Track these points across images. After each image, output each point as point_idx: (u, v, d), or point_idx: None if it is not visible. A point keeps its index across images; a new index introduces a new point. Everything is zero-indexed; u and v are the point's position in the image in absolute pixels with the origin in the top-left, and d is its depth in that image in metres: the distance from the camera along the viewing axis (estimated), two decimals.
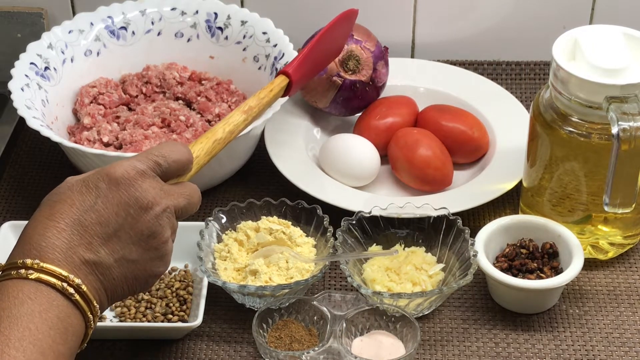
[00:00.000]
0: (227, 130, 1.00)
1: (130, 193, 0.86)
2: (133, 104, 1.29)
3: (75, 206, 0.85)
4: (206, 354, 1.05)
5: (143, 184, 0.87)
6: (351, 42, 1.27)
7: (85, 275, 0.84)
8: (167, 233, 0.89)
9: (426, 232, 1.13)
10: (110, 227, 0.85)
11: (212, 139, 0.98)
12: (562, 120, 1.07)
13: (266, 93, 1.06)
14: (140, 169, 0.88)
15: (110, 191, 0.86)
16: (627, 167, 1.02)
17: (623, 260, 1.15)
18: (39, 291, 0.81)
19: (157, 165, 0.89)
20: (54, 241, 0.83)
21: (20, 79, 1.20)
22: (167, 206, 0.89)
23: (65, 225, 0.84)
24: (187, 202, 0.92)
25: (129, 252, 0.87)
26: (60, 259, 0.83)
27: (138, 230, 0.87)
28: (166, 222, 0.89)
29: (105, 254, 0.85)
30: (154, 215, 0.87)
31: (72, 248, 0.84)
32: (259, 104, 1.05)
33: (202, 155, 0.97)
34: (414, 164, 1.21)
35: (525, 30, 1.41)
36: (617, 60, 1.05)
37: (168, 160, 0.90)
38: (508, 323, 1.08)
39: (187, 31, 1.32)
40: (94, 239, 0.85)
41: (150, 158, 0.89)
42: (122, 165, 0.87)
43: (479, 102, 1.31)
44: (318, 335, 1.04)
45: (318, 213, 1.12)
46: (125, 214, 0.86)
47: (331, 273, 1.14)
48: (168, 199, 0.89)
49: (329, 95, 1.27)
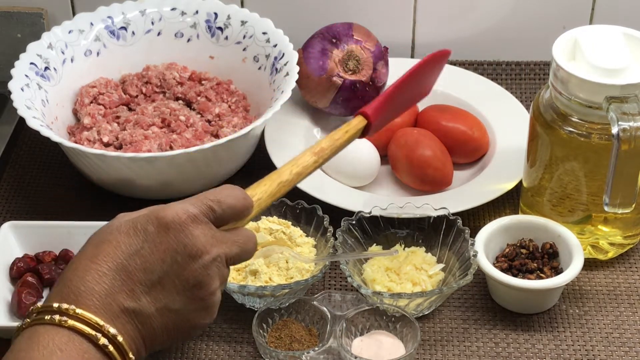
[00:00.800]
0: (295, 172, 0.94)
1: (179, 239, 0.82)
2: (133, 104, 1.29)
3: (120, 249, 0.81)
4: (206, 354, 1.05)
5: (194, 231, 0.83)
6: (351, 42, 1.27)
7: (122, 325, 0.80)
8: (215, 284, 0.84)
9: (426, 232, 1.13)
10: (155, 274, 0.81)
11: (278, 181, 0.93)
12: (562, 120, 1.07)
13: (341, 134, 0.98)
14: (193, 213, 0.83)
15: (159, 236, 0.82)
16: (627, 167, 1.02)
17: (623, 260, 1.15)
18: (71, 341, 0.77)
19: (210, 211, 0.84)
20: (93, 286, 0.79)
21: (20, 79, 1.20)
22: (218, 255, 0.84)
23: (107, 269, 0.80)
24: (240, 250, 0.87)
25: (172, 302, 0.82)
26: (98, 305, 0.79)
27: (184, 279, 0.82)
28: (215, 272, 0.84)
29: (147, 302, 0.81)
30: (202, 265, 0.83)
31: (111, 295, 0.80)
32: (331, 145, 0.96)
33: (264, 197, 0.91)
34: (414, 164, 1.21)
35: (525, 30, 1.41)
36: (617, 60, 1.05)
37: (223, 205, 0.85)
38: (508, 323, 1.08)
39: (187, 31, 1.32)
40: (136, 285, 0.81)
41: (205, 202, 0.84)
42: (174, 208, 0.83)
43: (479, 102, 1.31)
44: (318, 335, 1.04)
45: (318, 213, 1.12)
46: (171, 261, 0.82)
47: (331, 273, 1.14)
48: (219, 247, 0.84)
49: (329, 95, 1.27)
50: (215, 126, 1.25)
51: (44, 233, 1.13)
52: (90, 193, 1.23)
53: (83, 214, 1.20)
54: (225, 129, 1.23)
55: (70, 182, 1.26)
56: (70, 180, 1.26)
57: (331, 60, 1.26)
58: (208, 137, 1.23)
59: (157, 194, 1.20)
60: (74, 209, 1.22)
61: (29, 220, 1.17)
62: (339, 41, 1.27)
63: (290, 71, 1.22)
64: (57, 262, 1.12)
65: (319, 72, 1.26)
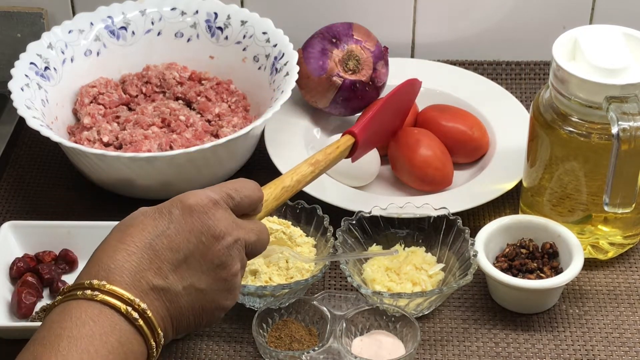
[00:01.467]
0: (295, 179, 1.01)
1: (204, 221, 0.86)
2: (133, 104, 1.29)
3: (147, 230, 0.84)
4: (206, 354, 1.05)
5: (216, 213, 0.87)
6: (351, 42, 1.27)
7: (151, 301, 0.82)
8: (236, 265, 0.88)
9: (426, 232, 1.13)
10: (181, 253, 0.84)
11: (281, 185, 1.00)
12: (562, 120, 1.07)
13: (333, 149, 1.08)
14: (214, 198, 0.87)
15: (184, 217, 0.85)
16: (627, 167, 1.02)
17: (623, 260, 1.15)
18: (103, 313, 0.80)
19: (229, 198, 0.89)
20: (122, 264, 0.82)
21: (20, 79, 1.20)
22: (239, 238, 0.88)
23: (135, 248, 0.83)
24: (257, 238, 0.91)
25: (198, 281, 0.85)
26: (128, 282, 0.81)
27: (208, 259, 0.86)
28: (236, 254, 0.88)
29: (174, 280, 0.84)
30: (225, 245, 0.86)
31: (140, 272, 0.82)
32: (325, 158, 1.06)
33: (270, 199, 0.98)
34: (414, 164, 1.21)
35: (525, 30, 1.41)
36: (617, 60, 1.05)
37: (240, 194, 0.90)
38: (508, 323, 1.08)
39: (187, 31, 1.32)
40: (163, 264, 0.83)
41: (224, 190, 0.89)
42: (196, 194, 0.87)
43: (479, 102, 1.31)
44: (318, 335, 1.04)
45: (318, 213, 1.12)
46: (197, 241, 0.85)
47: (331, 273, 1.14)
48: (239, 231, 0.88)
49: (329, 95, 1.27)
50: (215, 126, 1.25)
51: (44, 233, 1.13)
52: (90, 193, 1.23)
53: (83, 214, 1.20)
54: (225, 129, 1.23)
55: (70, 182, 1.26)
56: (70, 180, 1.26)
57: (331, 60, 1.26)
58: (208, 137, 1.23)
59: (157, 194, 1.19)
60: (74, 209, 1.22)
61: (29, 220, 1.17)
62: (339, 41, 1.27)
63: (290, 71, 1.22)
64: (57, 262, 1.12)
65: (319, 72, 1.26)
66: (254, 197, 0.92)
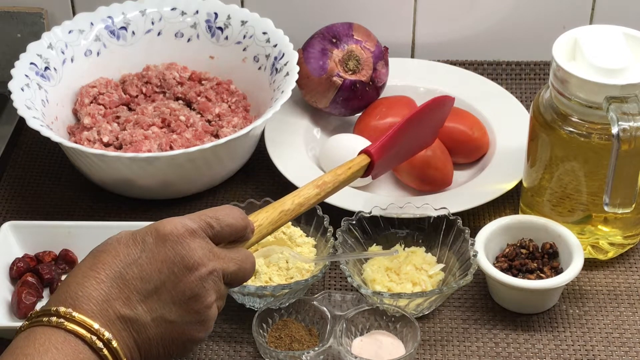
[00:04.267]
0: (297, 203, 0.97)
1: (177, 251, 0.83)
2: (133, 104, 1.29)
3: (118, 258, 0.83)
4: (206, 354, 1.05)
5: (191, 243, 0.84)
6: (351, 42, 1.27)
7: (118, 331, 0.81)
8: (210, 297, 0.85)
9: (426, 232, 1.13)
10: (152, 283, 0.83)
11: (280, 209, 0.96)
12: (562, 120, 1.07)
13: (344, 170, 1.03)
14: (191, 227, 0.85)
15: (157, 246, 0.83)
16: (627, 167, 1.02)
17: (623, 260, 1.15)
18: (67, 341, 0.79)
19: (209, 227, 0.86)
20: (91, 292, 0.81)
21: (20, 79, 1.20)
22: (214, 269, 0.85)
23: (105, 277, 0.82)
24: (238, 268, 0.88)
25: (168, 312, 0.83)
26: (95, 310, 0.81)
27: (180, 291, 0.83)
28: (211, 286, 0.85)
29: (143, 311, 0.82)
30: (198, 277, 0.84)
31: (108, 301, 0.81)
32: (334, 180, 1.01)
33: (265, 224, 0.94)
34: (414, 164, 1.21)
35: (525, 30, 1.41)
36: (617, 60, 1.05)
37: (221, 223, 0.87)
38: (508, 323, 1.08)
39: (187, 31, 1.32)
40: (132, 294, 0.82)
41: (203, 218, 0.86)
42: (172, 222, 0.85)
43: (479, 102, 1.31)
44: (318, 335, 1.04)
45: (318, 213, 1.12)
46: (168, 271, 0.83)
47: (331, 273, 1.14)
48: (216, 262, 0.86)
49: (329, 95, 1.27)
50: (215, 126, 1.25)
51: (44, 233, 1.13)
52: (90, 193, 1.23)
53: (83, 214, 1.21)
54: (225, 129, 1.23)
55: (70, 182, 1.26)
56: (70, 180, 1.26)
57: (331, 60, 1.26)
58: (208, 137, 1.23)
59: (157, 194, 1.20)
60: (74, 209, 1.22)
61: (29, 220, 1.17)
62: (339, 41, 1.27)
63: (290, 71, 1.22)
64: (57, 262, 1.12)
65: (319, 72, 1.26)
66: (236, 225, 0.88)
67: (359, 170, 1.04)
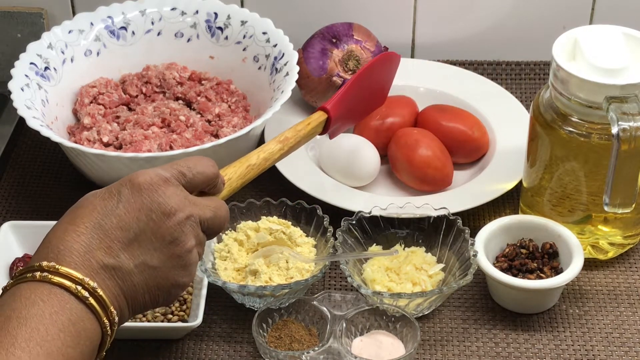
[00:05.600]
0: (262, 157, 1.00)
1: (153, 198, 0.85)
2: (133, 104, 1.29)
3: (96, 210, 0.84)
4: (206, 354, 1.05)
5: (167, 191, 0.86)
6: (351, 42, 1.27)
7: (103, 280, 0.82)
8: (190, 241, 0.87)
9: (426, 232, 1.13)
10: (131, 231, 0.84)
11: (246, 164, 0.99)
12: (562, 120, 1.07)
13: (303, 126, 1.07)
14: (165, 176, 0.86)
15: (133, 196, 0.85)
16: (627, 167, 1.02)
17: (623, 260, 1.15)
18: (52, 293, 0.80)
19: (181, 175, 0.88)
20: (72, 244, 0.82)
21: (20, 79, 1.20)
22: (191, 214, 0.87)
23: (84, 228, 0.83)
24: (213, 214, 0.89)
25: (150, 258, 0.85)
26: (78, 262, 0.81)
27: (160, 236, 0.85)
28: (189, 230, 0.87)
29: (125, 258, 0.83)
30: (176, 222, 0.85)
31: (90, 252, 0.82)
32: (295, 135, 1.05)
33: (235, 177, 0.97)
34: (414, 164, 1.21)
35: (525, 30, 1.41)
36: (617, 60, 1.05)
37: (193, 171, 0.89)
38: (508, 323, 1.08)
39: (187, 31, 1.32)
40: (114, 242, 0.83)
41: (175, 167, 0.88)
42: (145, 173, 0.86)
43: (479, 102, 1.31)
44: (318, 335, 1.04)
45: (318, 213, 1.12)
46: (147, 218, 0.84)
47: (331, 273, 1.14)
48: (192, 207, 0.87)
49: (329, 95, 1.27)
50: (215, 126, 1.25)
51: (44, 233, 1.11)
52: None
53: None
54: (225, 129, 1.23)
55: (70, 182, 1.26)
56: (70, 180, 1.26)
57: (331, 60, 1.26)
58: (208, 137, 1.23)
59: None
60: None
61: (29, 220, 1.17)
62: (339, 41, 1.27)
63: (290, 71, 1.22)
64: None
65: (319, 72, 1.26)
66: (207, 173, 0.90)
67: (317, 125, 1.08)
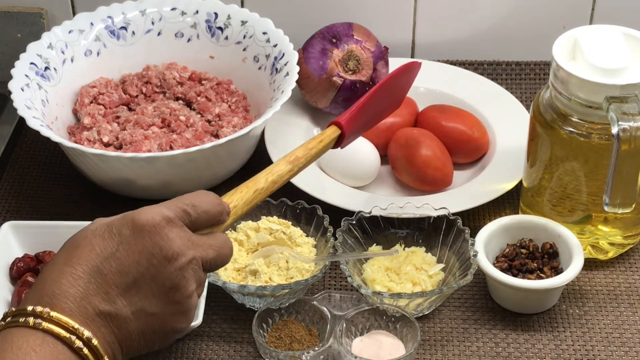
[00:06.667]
0: (270, 180, 0.95)
1: (155, 241, 0.81)
2: (133, 104, 1.29)
3: (95, 252, 0.81)
4: (206, 354, 1.05)
5: (169, 233, 0.82)
6: (351, 42, 1.27)
7: (98, 328, 0.79)
8: (191, 287, 0.84)
9: (426, 232, 1.13)
10: (130, 276, 0.81)
11: (254, 188, 0.94)
12: (562, 120, 1.07)
13: (315, 144, 1.01)
14: (168, 216, 0.83)
15: (134, 238, 0.81)
16: (627, 167, 1.02)
17: (623, 260, 1.15)
18: (45, 343, 0.77)
19: (185, 214, 0.84)
20: (68, 289, 0.79)
21: (20, 79, 1.20)
22: (194, 257, 0.83)
23: (82, 272, 0.80)
24: (217, 254, 0.86)
25: (149, 305, 0.82)
26: (73, 308, 0.78)
27: (160, 282, 0.82)
28: (191, 275, 0.83)
29: (123, 305, 0.81)
30: (178, 267, 0.82)
31: (87, 297, 0.79)
32: (306, 154, 0.99)
33: (240, 204, 0.92)
34: (414, 164, 1.21)
35: (525, 30, 1.41)
36: (617, 60, 1.05)
37: (198, 210, 0.85)
38: (508, 323, 1.08)
39: (187, 31, 1.32)
40: (111, 288, 0.80)
41: (179, 206, 0.84)
42: (149, 212, 0.83)
43: (479, 102, 1.31)
44: (318, 335, 1.04)
45: (318, 213, 1.12)
46: (147, 263, 0.81)
47: (331, 273, 1.14)
48: (195, 250, 0.84)
49: (329, 95, 1.27)
50: (215, 126, 1.25)
51: (44, 233, 1.13)
52: (90, 193, 1.23)
53: (83, 214, 1.20)
54: (225, 129, 1.23)
55: (70, 182, 1.26)
56: (70, 180, 1.26)
57: (331, 60, 1.26)
58: (208, 137, 1.23)
59: (157, 194, 1.19)
60: (74, 209, 1.22)
61: (29, 220, 1.17)
62: (339, 41, 1.27)
63: (290, 71, 1.22)
64: None
65: (319, 72, 1.26)
66: (212, 211, 0.87)
67: (330, 142, 1.03)
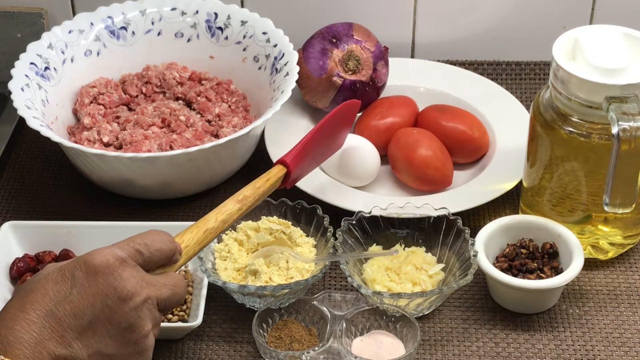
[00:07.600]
0: (220, 220, 0.96)
1: (109, 282, 0.81)
2: (133, 104, 1.29)
3: (48, 296, 0.80)
4: (206, 354, 1.05)
5: (123, 273, 0.82)
6: (351, 42, 1.27)
7: None
8: (147, 326, 0.84)
9: (426, 232, 1.13)
10: (85, 318, 0.80)
11: (204, 228, 0.94)
12: (562, 120, 1.07)
13: (262, 182, 1.03)
14: (121, 256, 0.83)
15: (88, 280, 0.81)
16: (627, 167, 1.02)
17: (623, 260, 1.15)
18: None
19: (138, 254, 0.85)
20: (22, 335, 0.78)
21: (20, 79, 1.20)
22: (148, 297, 0.83)
23: (36, 317, 0.79)
24: (171, 293, 0.87)
25: (105, 346, 0.81)
26: (28, 354, 0.78)
27: (115, 323, 0.81)
28: (147, 315, 0.83)
29: (79, 348, 0.80)
30: (133, 307, 0.82)
31: (41, 342, 0.78)
32: (254, 193, 1.01)
33: (192, 244, 0.93)
34: (414, 164, 1.21)
35: (525, 30, 1.41)
36: (617, 60, 1.05)
37: (150, 248, 0.85)
38: (508, 323, 1.08)
39: (187, 31, 1.32)
40: (66, 332, 0.80)
41: (132, 246, 0.85)
42: (101, 253, 0.82)
43: (479, 102, 1.31)
44: (318, 335, 1.04)
45: (318, 213, 1.12)
46: (102, 304, 0.81)
47: (331, 273, 1.14)
48: (149, 289, 0.84)
49: (329, 95, 1.27)
50: (215, 126, 1.25)
51: (44, 233, 1.13)
52: (90, 193, 1.23)
53: (83, 214, 1.20)
54: (225, 129, 1.23)
55: (70, 182, 1.26)
56: (70, 180, 1.26)
57: (331, 60, 1.26)
58: (208, 137, 1.23)
59: (157, 194, 1.20)
60: (74, 209, 1.22)
61: (29, 220, 1.17)
62: (339, 41, 1.27)
63: (290, 71, 1.22)
64: (57, 262, 1.12)
65: (319, 72, 1.26)
66: (165, 249, 0.87)
67: (277, 181, 1.04)
